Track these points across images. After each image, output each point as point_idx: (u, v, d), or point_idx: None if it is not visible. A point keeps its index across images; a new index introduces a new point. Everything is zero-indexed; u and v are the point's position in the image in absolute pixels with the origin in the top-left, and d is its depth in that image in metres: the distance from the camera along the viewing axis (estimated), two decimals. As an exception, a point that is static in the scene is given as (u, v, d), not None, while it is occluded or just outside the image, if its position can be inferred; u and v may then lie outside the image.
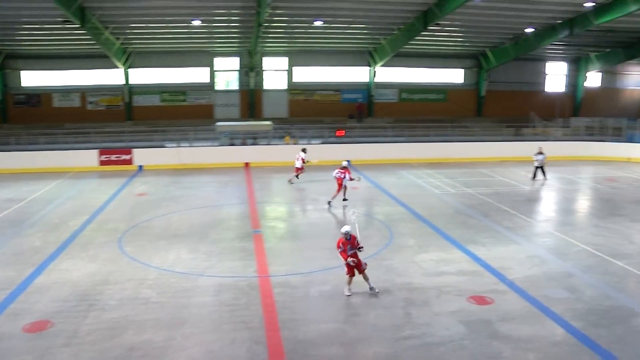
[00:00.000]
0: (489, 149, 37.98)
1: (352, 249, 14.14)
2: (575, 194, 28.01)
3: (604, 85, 53.92)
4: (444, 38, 42.07)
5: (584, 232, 20.32)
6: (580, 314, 13.21)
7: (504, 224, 21.06)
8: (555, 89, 52.09)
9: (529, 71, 50.68)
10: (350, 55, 45.32)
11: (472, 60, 48.26)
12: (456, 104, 48.43)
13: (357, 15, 35.95)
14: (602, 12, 34.40)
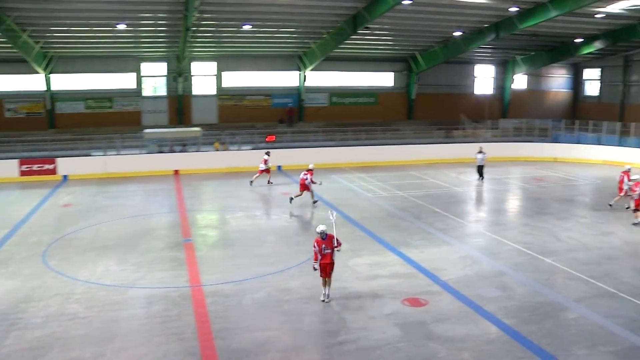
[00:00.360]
0: (420, 151, 38.72)
1: (327, 249, 14.06)
2: (505, 194, 28.90)
3: (530, 87, 56.00)
4: (373, 42, 42.73)
5: (514, 231, 20.99)
6: (512, 311, 13.61)
7: (436, 225, 21.50)
8: (484, 91, 53.72)
9: (459, 74, 52.10)
10: (280, 59, 45.36)
11: (402, 63, 49.15)
12: (387, 107, 49.21)
13: (286, 20, 36.05)
14: (526, 16, 35.75)
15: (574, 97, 57.75)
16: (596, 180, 32.40)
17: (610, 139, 40.54)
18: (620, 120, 46.93)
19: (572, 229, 21.27)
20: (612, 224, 22.11)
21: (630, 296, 14.53)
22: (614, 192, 27.75)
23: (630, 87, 51.20)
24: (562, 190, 29.33)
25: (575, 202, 26.91)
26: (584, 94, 57.16)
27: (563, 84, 57.45)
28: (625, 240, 19.83)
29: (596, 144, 40.86)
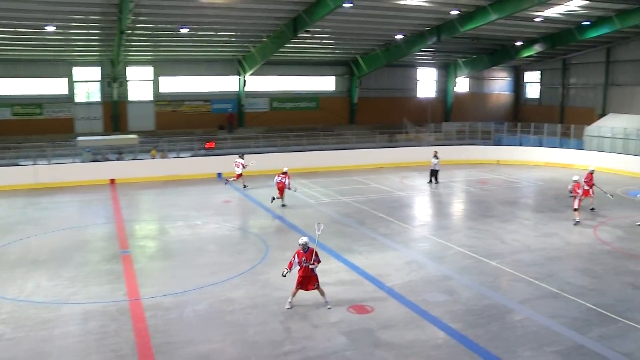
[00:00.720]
0: (363, 156, 39.03)
1: (306, 262, 14.10)
2: (449, 197, 29.41)
3: (472, 90, 57.33)
4: (314, 45, 42.92)
5: (459, 234, 21.36)
6: (459, 315, 13.82)
7: (381, 231, 21.68)
8: (427, 94, 54.66)
9: (401, 77, 52.87)
10: (219, 63, 45.04)
11: (343, 67, 49.54)
12: (329, 111, 49.47)
13: (225, 23, 35.82)
14: (467, 20, 36.59)
15: (516, 99, 59.41)
16: (538, 182, 33.33)
17: (551, 141, 41.80)
18: (561, 122, 48.44)
19: (516, 231, 21.81)
20: (555, 225, 22.77)
21: (573, 296, 14.97)
22: (556, 194, 28.62)
23: (569, 90, 52.98)
24: (506, 193, 30.05)
25: (519, 204, 27.61)
26: (525, 97, 58.85)
27: (504, 87, 59.05)
28: (567, 241, 20.45)
29: (538, 146, 42.05)
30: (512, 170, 37.85)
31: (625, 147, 38.31)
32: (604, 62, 48.38)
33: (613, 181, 33.81)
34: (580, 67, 51.43)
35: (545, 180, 33.70)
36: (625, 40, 45.86)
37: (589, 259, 18.36)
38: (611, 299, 14.87)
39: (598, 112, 48.38)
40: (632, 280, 16.31)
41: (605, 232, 21.78)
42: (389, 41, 42.97)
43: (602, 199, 27.91)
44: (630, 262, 18.13)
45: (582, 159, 39.38)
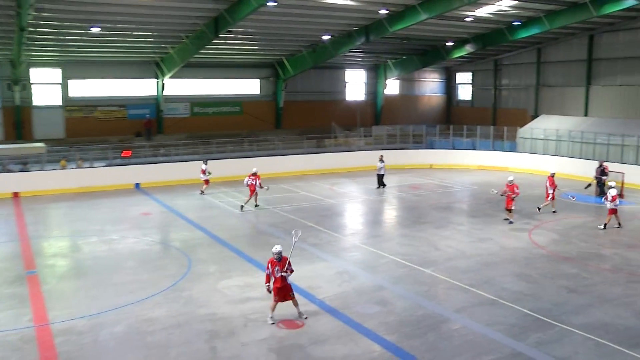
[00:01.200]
0: (290, 162, 39.04)
1: (280, 272, 14.11)
2: (381, 204, 29.74)
3: (403, 92, 58.37)
4: (237, 47, 42.72)
5: (392, 242, 21.61)
6: (393, 326, 13.94)
7: (310, 240, 21.69)
8: (356, 97, 55.26)
9: (329, 80, 53.27)
10: (135, 66, 44.18)
11: (268, 69, 49.51)
12: (253, 116, 49.31)
13: (140, 22, 35.15)
14: (396, 19, 37.18)
15: (448, 101, 60.87)
16: (472, 186, 34.17)
17: (484, 144, 42.99)
18: (494, 124, 49.91)
19: (450, 237, 22.25)
20: (490, 230, 23.37)
21: (510, 302, 15.35)
22: (490, 198, 29.38)
23: (501, 91, 54.65)
24: (439, 198, 30.64)
25: (453, 209, 28.20)
26: (457, 99, 60.36)
27: (436, 89, 60.41)
28: (503, 246, 21.01)
29: (471, 149, 43.17)
30: (446, 174, 38.67)
31: (558, 149, 39.83)
32: (535, 62, 50.18)
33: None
34: (512, 67, 53.18)
35: (479, 184, 34.57)
36: (555, 41, 47.73)
37: (524, 264, 18.91)
38: (547, 303, 15.34)
39: (530, 113, 50.10)
40: (567, 284, 16.89)
41: (540, 236, 22.50)
42: (315, 42, 43.22)
43: (537, 202, 28.85)
44: (565, 265, 18.78)
45: (516, 162, 40.70)
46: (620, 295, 16.01)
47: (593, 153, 37.28)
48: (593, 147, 37.56)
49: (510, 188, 24.76)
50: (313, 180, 36.03)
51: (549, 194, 26.60)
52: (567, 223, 24.72)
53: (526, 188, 32.77)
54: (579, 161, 36.97)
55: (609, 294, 16.15)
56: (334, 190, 32.94)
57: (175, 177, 35.31)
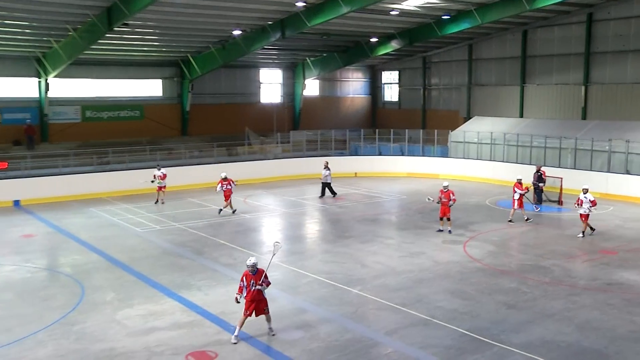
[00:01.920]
0: (198, 173, 38.60)
1: (256, 285, 14.62)
2: (301, 217, 29.79)
3: (324, 93, 58.78)
4: (136, 42, 41.91)
5: (314, 260, 21.63)
6: (318, 354, 13.88)
7: (223, 260, 21.48)
8: (272, 99, 55.26)
9: (241, 80, 53.07)
10: (9, 62, 42.39)
11: (172, 68, 48.86)
12: (156, 121, 48.47)
13: (15, 9, 33.57)
14: (315, 13, 37.30)
15: (373, 103, 61.69)
16: (401, 196, 34.68)
17: (413, 149, 43.76)
18: (423, 128, 50.89)
19: (378, 252, 22.45)
20: (421, 243, 23.71)
21: (445, 322, 15.56)
22: (421, 208, 29.84)
23: (430, 91, 55.77)
24: (365, 209, 30.93)
25: (380, 221, 28.52)
26: (383, 100, 61.25)
27: (360, 89, 61.14)
28: (436, 260, 21.34)
29: (399, 154, 43.87)
30: (372, 183, 39.11)
31: (492, 154, 40.92)
32: (467, 60, 51.46)
33: (481, 191, 35.95)
34: (442, 65, 54.37)
35: (408, 194, 35.11)
36: (487, 37, 49.12)
37: (459, 279, 19.26)
38: (485, 321, 15.64)
39: (463, 115, 51.32)
40: (506, 299, 17.29)
41: (476, 248, 23.00)
42: (225, 38, 42.93)
43: (471, 212, 29.51)
44: (503, 279, 19.24)
45: (448, 168, 41.59)
46: (562, 310, 16.51)
47: (530, 157, 38.51)
48: (530, 150, 38.78)
49: (446, 195, 25.29)
50: (159, 199, 35.65)
51: (515, 200, 27.38)
52: (504, 234, 25.38)
53: (460, 196, 33.45)
54: (515, 166, 38.03)
55: (549, 308, 16.62)
56: (248, 203, 32.77)
57: (64, 192, 34.31)
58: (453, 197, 25.46)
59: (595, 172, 34.89)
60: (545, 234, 25.69)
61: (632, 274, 19.90)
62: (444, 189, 25.52)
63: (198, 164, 39.91)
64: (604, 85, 41.59)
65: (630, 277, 19.49)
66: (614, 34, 40.96)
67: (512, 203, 27.75)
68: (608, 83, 41.43)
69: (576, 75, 43.26)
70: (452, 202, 25.37)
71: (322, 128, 50.84)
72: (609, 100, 41.46)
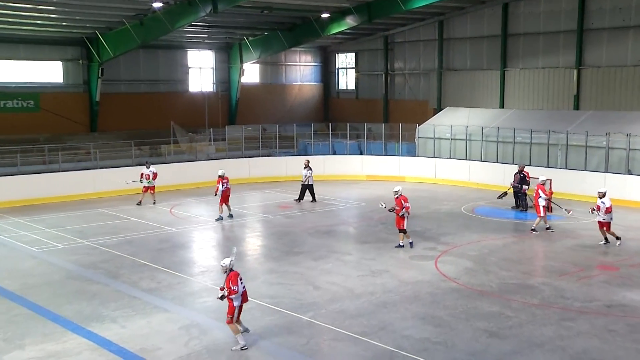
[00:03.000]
0: (112, 178, 38.10)
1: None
2: (240, 230, 29.65)
3: (266, 80, 58.79)
4: (28, 13, 40.95)
5: (256, 281, 21.43)
6: (259, 396, 13.76)
7: (143, 284, 21.19)
8: (203, 87, 54.99)
9: (165, 64, 52.75)
10: None
11: (76, 48, 48.21)
12: (56, 113, 47.78)
13: None
14: (253, -20, 37.29)
15: (325, 92, 61.90)
16: (360, 203, 34.80)
17: (374, 147, 43.86)
18: (385, 121, 51.18)
19: (333, 271, 22.39)
20: (385, 260, 23.71)
21: (414, 354, 15.54)
22: (384, 217, 29.89)
23: (394, 77, 56.11)
24: (317, 220, 30.93)
25: (335, 233, 28.56)
26: (337, 88, 61.49)
27: (310, 76, 61.32)
28: (402, 280, 21.35)
29: (357, 154, 43.95)
30: (325, 188, 39.08)
31: (469, 151, 41.07)
32: (437, 40, 51.91)
33: (455, 196, 36.19)
34: (408, 46, 54.77)
35: (369, 200, 35.16)
36: (461, 12, 49.62)
37: (431, 302, 19.28)
38: (463, 353, 15.65)
39: (433, 105, 51.79)
40: (487, 326, 17.35)
41: (450, 264, 23.09)
42: (143, 11, 42.48)
43: (444, 221, 29.68)
44: (483, 301, 19.32)
45: (416, 169, 41.82)
46: (553, 337, 16.60)
47: (513, 155, 38.72)
48: (512, 147, 38.94)
49: (397, 202, 24.99)
50: (145, 202, 35.35)
51: (539, 205, 27.37)
52: (482, 246, 25.54)
53: (430, 202, 33.74)
54: (495, 166, 38.59)
55: (538, 336, 16.70)
56: (175, 214, 32.48)
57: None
58: (406, 205, 24.98)
59: (591, 172, 35.20)
60: (533, 246, 25.99)
61: (637, 293, 20.11)
62: (395, 195, 25.24)
63: (111, 167, 39.37)
64: (600, 68, 42.24)
65: (635, 298, 19.70)
66: (612, 7, 41.54)
67: (537, 210, 27.90)
68: (605, 66, 42.07)
69: (567, 58, 43.86)
70: (404, 212, 24.97)
71: (264, 122, 50.70)
72: (606, 86, 42.04)
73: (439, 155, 42.33)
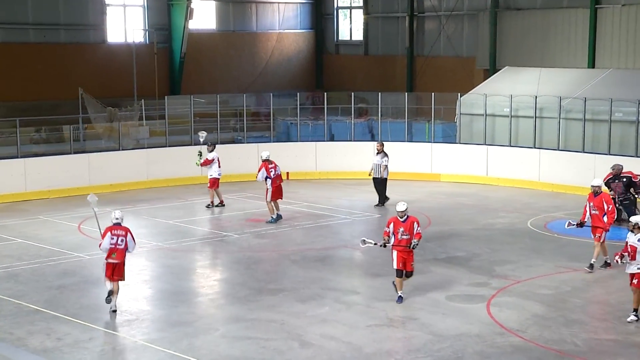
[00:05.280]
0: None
1: None
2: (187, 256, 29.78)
3: (227, 27, 58.73)
4: None
5: (212, 335, 21.44)
6: None
7: (34, 342, 20.96)
8: (128, 37, 54.85)
9: (70, 2, 52.52)
10: None
11: None
12: None
13: None
14: None
15: (318, 44, 61.82)
16: (371, 214, 35.08)
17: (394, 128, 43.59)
18: (410, 90, 51.07)
19: (330, 319, 22.25)
20: (409, 302, 23.60)
21: None
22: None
23: (423, 22, 55.96)
24: (305, 240, 31.14)
25: (333, 261, 28.66)
26: (336, 39, 61.35)
27: (294, 20, 61.22)
28: (436, 333, 21.23)
29: (366, 138, 43.86)
30: (317, 191, 39.32)
31: (539, 135, 40.77)
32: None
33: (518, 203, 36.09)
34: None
35: (383, 210, 35.10)
36: None
37: (482, 367, 19.19)
38: None
39: (483, 65, 51.61)
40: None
41: (510, 309, 23.00)
42: None
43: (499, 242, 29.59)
44: (562, 365, 19.22)
45: (456, 162, 41.56)
46: None
47: (609, 141, 38.32)
48: (608, 128, 38.58)
49: (407, 227, 23.54)
50: (40, 213, 35.28)
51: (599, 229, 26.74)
52: (561, 282, 25.41)
53: (478, 214, 33.68)
54: (581, 158, 38.58)
55: None
56: (85, 233, 32.38)
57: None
58: (417, 231, 23.54)
59: None
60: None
61: None
62: (401, 218, 23.77)
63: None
64: None
65: None
66: None
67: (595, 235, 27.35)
68: None
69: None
70: (415, 242, 23.49)
71: (224, 91, 50.72)
72: None
73: (492, 142, 42.16)
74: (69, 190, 38.56)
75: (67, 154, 41.11)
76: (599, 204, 26.47)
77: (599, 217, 26.35)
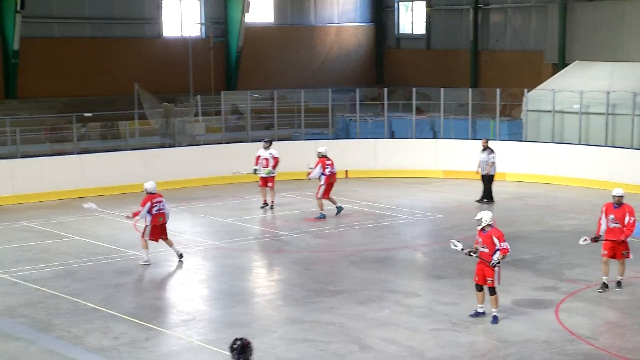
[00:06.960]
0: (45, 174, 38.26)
1: None
2: (244, 256, 29.75)
3: (284, 20, 58.77)
4: None
5: (269, 337, 21.42)
6: None
7: (92, 341, 21.15)
8: (185, 31, 55.03)
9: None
10: None
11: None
12: None
13: None
14: None
15: (378, 38, 61.74)
16: (433, 215, 35.04)
17: (457, 125, 43.49)
18: (474, 86, 50.98)
19: (391, 322, 22.21)
20: (474, 305, 23.45)
21: None
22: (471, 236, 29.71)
23: (488, 14, 55.75)
24: (365, 241, 31.15)
25: (394, 263, 28.66)
26: (397, 32, 61.25)
27: (354, 12, 61.17)
28: (502, 338, 21.09)
29: (428, 136, 43.77)
30: (377, 190, 39.29)
31: (611, 133, 40.44)
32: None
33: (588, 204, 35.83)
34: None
35: (447, 211, 35.20)
36: None
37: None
38: None
39: (551, 59, 51.33)
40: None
41: (581, 314, 22.82)
42: None
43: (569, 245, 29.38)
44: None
45: (522, 161, 41.39)
46: None
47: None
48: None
49: (486, 239, 22.57)
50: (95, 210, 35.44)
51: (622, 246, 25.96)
52: (637, 286, 25.13)
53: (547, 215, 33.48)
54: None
55: None
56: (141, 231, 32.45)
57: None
58: (503, 246, 22.26)
59: None
60: None
61: None
62: (482, 228, 22.61)
63: (39, 156, 39.53)
64: None
65: None
66: None
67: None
68: None
69: None
70: (498, 257, 22.21)
71: (281, 86, 50.76)
72: None
73: (561, 140, 41.98)
74: (124, 188, 38.74)
75: (124, 150, 41.35)
76: (621, 216, 24.69)
77: (621, 231, 24.55)
